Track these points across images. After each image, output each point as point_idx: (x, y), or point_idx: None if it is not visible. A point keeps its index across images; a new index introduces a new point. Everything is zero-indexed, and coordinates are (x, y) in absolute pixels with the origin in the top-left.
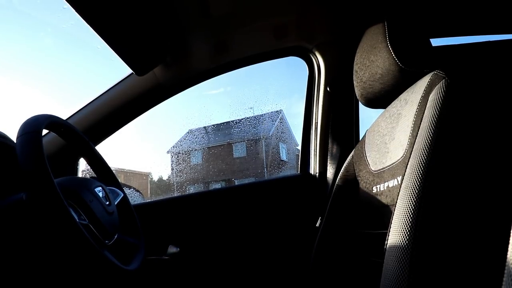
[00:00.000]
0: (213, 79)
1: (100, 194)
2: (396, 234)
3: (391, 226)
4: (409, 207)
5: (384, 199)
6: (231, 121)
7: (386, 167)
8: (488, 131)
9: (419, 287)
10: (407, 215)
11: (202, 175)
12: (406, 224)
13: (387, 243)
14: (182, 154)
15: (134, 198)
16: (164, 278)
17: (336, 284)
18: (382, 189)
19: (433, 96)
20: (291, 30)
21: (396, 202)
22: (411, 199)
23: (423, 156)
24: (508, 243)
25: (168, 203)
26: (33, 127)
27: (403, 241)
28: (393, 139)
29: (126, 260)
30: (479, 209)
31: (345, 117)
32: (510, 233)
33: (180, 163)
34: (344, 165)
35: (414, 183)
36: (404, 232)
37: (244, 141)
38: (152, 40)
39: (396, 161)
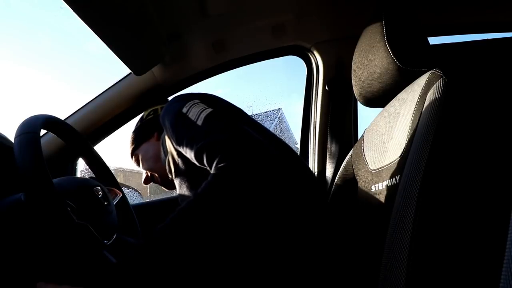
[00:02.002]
0: (211, 79)
1: (99, 194)
2: (394, 234)
3: (390, 225)
4: (406, 206)
5: (383, 198)
6: None
7: (385, 166)
8: (486, 130)
9: (416, 286)
10: (405, 215)
11: None
12: (404, 223)
13: (385, 243)
14: None
15: (133, 198)
16: None
17: (334, 282)
18: (380, 188)
19: (430, 95)
20: (289, 29)
21: (395, 201)
22: (408, 198)
23: (421, 155)
24: (506, 241)
25: (167, 203)
26: (31, 127)
27: (401, 241)
28: (391, 138)
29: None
30: (477, 207)
31: (344, 116)
32: (508, 231)
33: None
34: (343, 164)
35: (412, 182)
36: (402, 232)
37: None
38: (150, 40)
39: (395, 160)
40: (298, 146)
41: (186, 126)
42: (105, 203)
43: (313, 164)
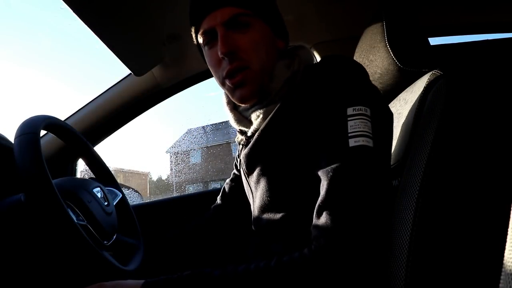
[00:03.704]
0: (211, 80)
1: (99, 195)
2: (393, 234)
3: (390, 227)
4: (406, 207)
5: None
6: None
7: None
8: (487, 130)
9: (415, 286)
10: (404, 215)
11: (201, 174)
12: (403, 224)
13: (385, 243)
14: (181, 154)
15: (133, 199)
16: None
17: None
18: None
19: (431, 96)
20: (289, 30)
21: (396, 203)
22: (408, 199)
23: (421, 155)
24: (505, 242)
25: (167, 203)
26: (31, 128)
27: (400, 242)
28: (395, 139)
29: (125, 260)
30: (477, 208)
31: None
32: (507, 232)
33: (179, 163)
34: None
35: (412, 183)
36: (402, 233)
37: None
38: (151, 40)
39: (398, 161)
40: None
41: (337, 135)
42: (105, 203)
43: None
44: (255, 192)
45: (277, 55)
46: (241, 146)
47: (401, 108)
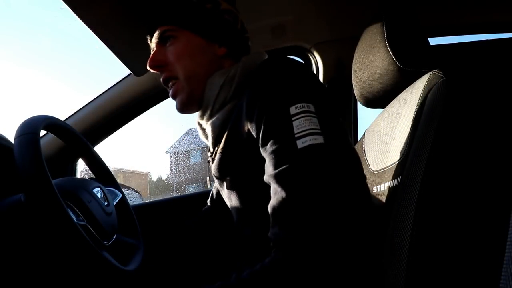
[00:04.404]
0: None
1: (99, 195)
2: (394, 235)
3: (389, 227)
4: (406, 208)
5: (385, 200)
6: None
7: (387, 167)
8: (487, 130)
9: (415, 286)
10: (405, 216)
11: (201, 174)
12: (403, 224)
13: (385, 244)
14: (181, 154)
15: (133, 199)
16: (163, 277)
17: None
18: (382, 189)
19: (431, 96)
20: (289, 30)
21: (396, 203)
22: (408, 200)
23: (421, 155)
24: (505, 242)
25: (167, 203)
26: (31, 128)
27: (401, 242)
28: (393, 138)
29: (125, 260)
30: (477, 208)
31: (344, 117)
32: (507, 232)
33: (179, 163)
34: None
35: (412, 183)
36: (402, 233)
37: None
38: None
39: (397, 161)
40: None
41: (283, 137)
42: (105, 203)
43: None
44: (231, 207)
45: (214, 62)
46: (209, 162)
47: (401, 108)
